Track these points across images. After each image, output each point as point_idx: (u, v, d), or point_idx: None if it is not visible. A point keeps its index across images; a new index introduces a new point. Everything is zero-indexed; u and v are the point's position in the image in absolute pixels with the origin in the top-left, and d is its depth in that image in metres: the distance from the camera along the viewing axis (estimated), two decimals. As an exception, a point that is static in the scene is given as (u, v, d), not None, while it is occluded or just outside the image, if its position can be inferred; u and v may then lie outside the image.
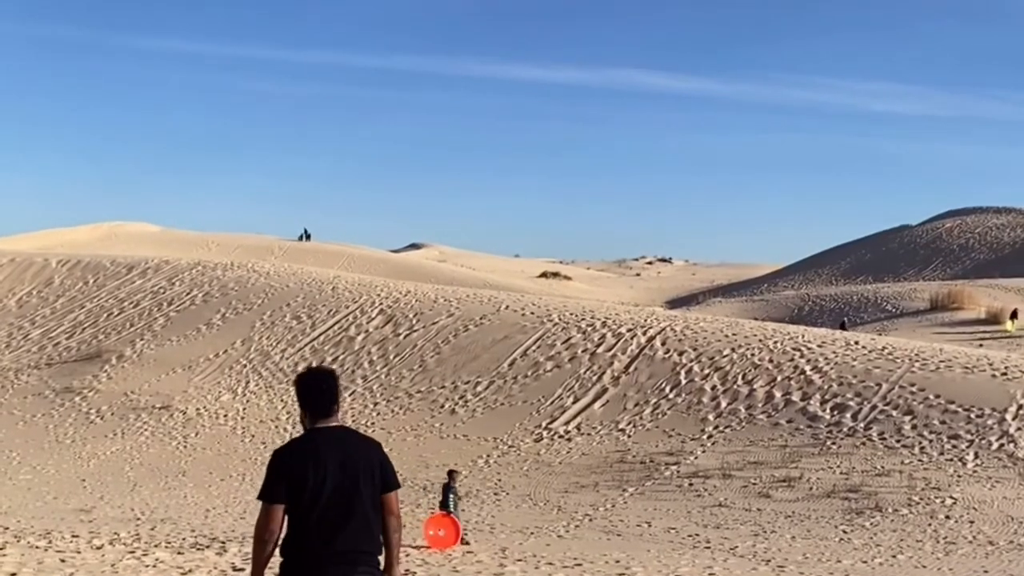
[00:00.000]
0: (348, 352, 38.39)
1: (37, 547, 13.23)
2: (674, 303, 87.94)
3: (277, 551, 5.79)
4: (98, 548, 13.95)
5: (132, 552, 13.26)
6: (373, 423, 32.50)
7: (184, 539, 15.97)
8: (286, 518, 5.65)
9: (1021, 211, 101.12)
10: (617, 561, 15.53)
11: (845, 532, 19.85)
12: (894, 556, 17.38)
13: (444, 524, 17.93)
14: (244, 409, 34.24)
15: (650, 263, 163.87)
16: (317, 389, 5.85)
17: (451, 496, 18.85)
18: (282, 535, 5.76)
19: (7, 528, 17.43)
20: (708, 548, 18.07)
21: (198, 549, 14.33)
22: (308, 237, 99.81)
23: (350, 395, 34.99)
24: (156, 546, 14.66)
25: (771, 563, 16.24)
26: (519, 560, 15.01)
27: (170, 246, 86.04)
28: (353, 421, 32.76)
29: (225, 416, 33.64)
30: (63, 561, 11.93)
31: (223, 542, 15.50)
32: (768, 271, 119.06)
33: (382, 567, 5.83)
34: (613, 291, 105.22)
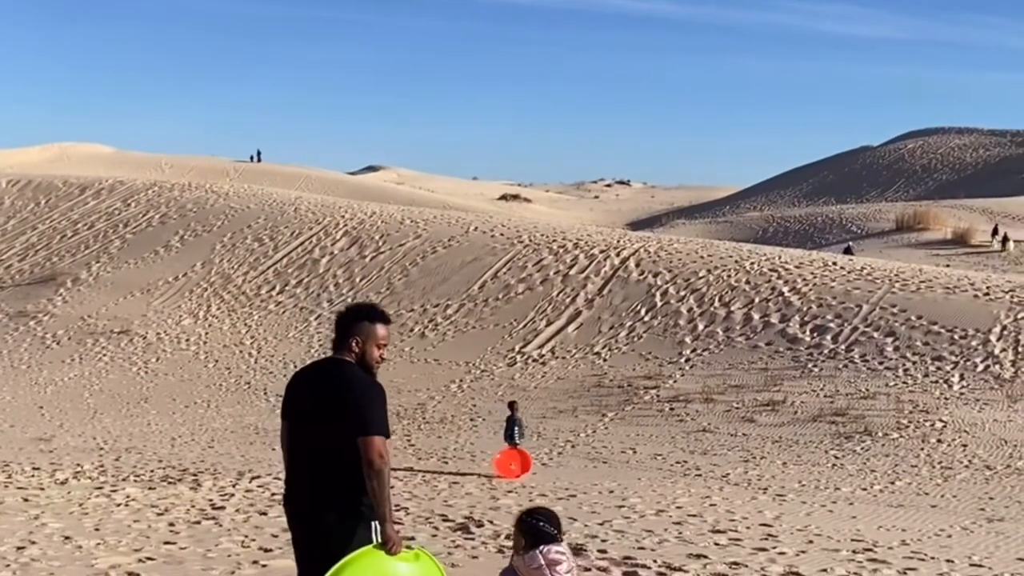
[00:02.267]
0: (312, 275, 37.34)
1: (-4, 484, 12.31)
2: (635, 225, 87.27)
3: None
4: (62, 483, 13.03)
5: (100, 488, 12.36)
6: (341, 347, 31.60)
7: (153, 471, 15.09)
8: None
9: (982, 131, 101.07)
10: (611, 492, 14.83)
11: (837, 458, 19.28)
12: (892, 483, 16.83)
13: (514, 457, 17.59)
14: (206, 334, 33.21)
15: (608, 186, 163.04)
16: (337, 322, 5.93)
17: (516, 428, 18.20)
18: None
19: (-38, 461, 16.45)
20: (700, 476, 17.43)
21: (169, 483, 13.45)
22: (259, 158, 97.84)
23: (315, 319, 34.06)
24: (124, 480, 13.77)
25: (769, 491, 15.62)
26: (509, 492, 14.28)
27: (123, 167, 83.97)
28: (320, 345, 31.85)
29: (187, 341, 32.59)
30: (26, 500, 11.02)
31: (195, 475, 14.63)
32: (727, 193, 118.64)
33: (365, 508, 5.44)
34: (573, 213, 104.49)
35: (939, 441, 19.96)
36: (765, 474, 17.63)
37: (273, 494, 12.52)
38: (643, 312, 31.27)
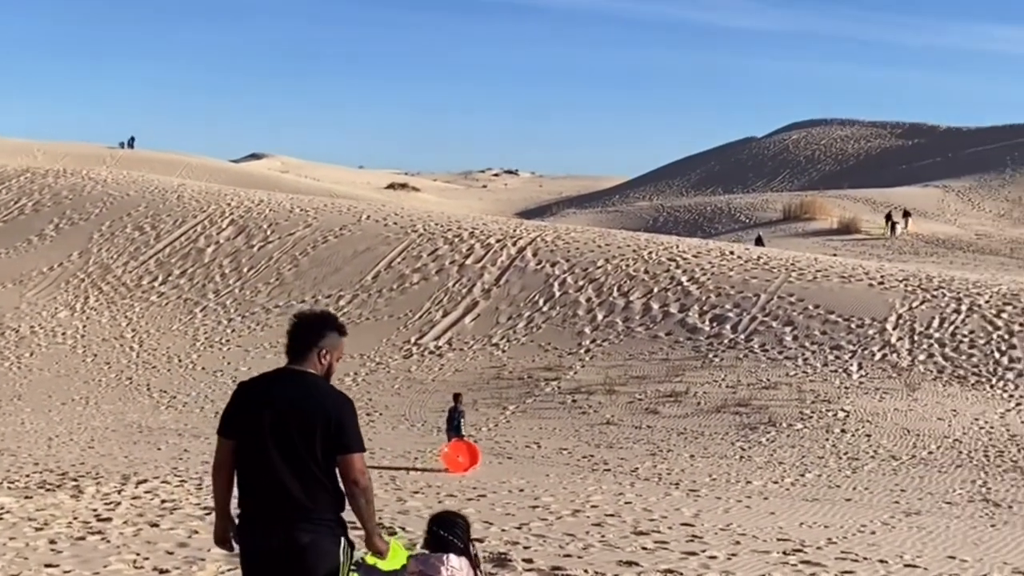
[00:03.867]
0: (198, 265, 35.99)
1: None
2: (525, 215, 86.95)
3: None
4: (-73, 493, 11.92)
5: (-31, 498, 11.31)
6: (228, 340, 30.46)
7: (28, 476, 14.00)
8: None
9: (864, 123, 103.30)
10: (521, 490, 14.24)
11: (743, 449, 19.03)
12: (801, 475, 16.59)
13: (462, 450, 17.42)
14: (84, 327, 31.70)
15: (496, 175, 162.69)
16: (295, 331, 5.37)
17: (461, 420, 18.23)
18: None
19: None
20: (609, 471, 16.97)
21: (48, 490, 12.42)
22: (132, 144, 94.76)
23: (200, 311, 32.82)
24: (-3, 487, 12.68)
25: (681, 486, 15.22)
26: (416, 493, 13.58)
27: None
28: (206, 338, 30.69)
29: (63, 334, 31.05)
30: None
31: (75, 479, 13.60)
32: (615, 183, 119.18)
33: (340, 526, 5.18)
34: (462, 203, 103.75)
35: (843, 431, 19.87)
36: (674, 468, 17.26)
37: (163, 501, 11.64)
38: (541, 302, 30.79)
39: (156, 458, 17.56)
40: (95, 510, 10.66)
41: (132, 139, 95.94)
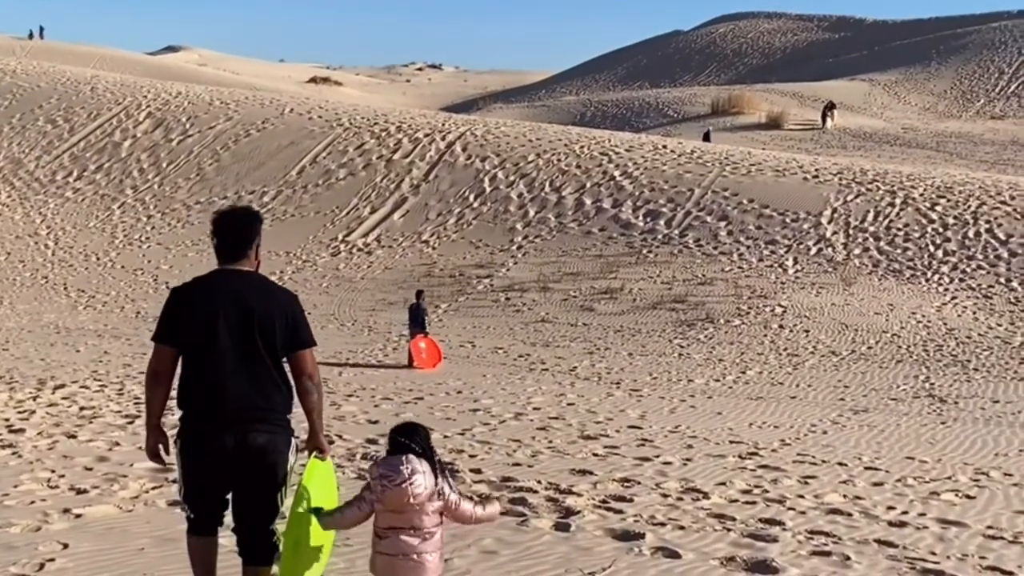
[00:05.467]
0: (114, 160, 34.63)
1: None
2: (450, 110, 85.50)
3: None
4: None
5: None
6: (148, 238, 29.41)
7: (-63, 383, 13.17)
8: (180, 366, 5.04)
9: (790, 16, 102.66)
10: (459, 392, 13.76)
11: (682, 347, 18.73)
12: (743, 373, 16.32)
13: (428, 345, 17.32)
14: (-3, 224, 30.39)
15: (420, 70, 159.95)
16: (226, 229, 5.12)
17: (425, 317, 18.11)
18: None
19: None
20: (547, 370, 16.55)
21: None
22: (42, 35, 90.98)
23: (119, 207, 31.66)
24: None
25: (622, 386, 14.84)
26: (350, 396, 13.01)
27: None
28: (125, 236, 29.61)
29: (-25, 233, 29.75)
30: None
31: (-13, 386, 12.82)
32: (539, 78, 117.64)
33: (298, 428, 5.13)
34: (386, 97, 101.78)
35: (781, 327, 19.66)
36: (613, 367, 16.89)
37: (82, 408, 10.95)
38: (472, 198, 30.11)
39: (75, 361, 16.78)
40: (7, 420, 9.95)
41: (41, 29, 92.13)
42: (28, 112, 38.21)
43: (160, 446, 5.01)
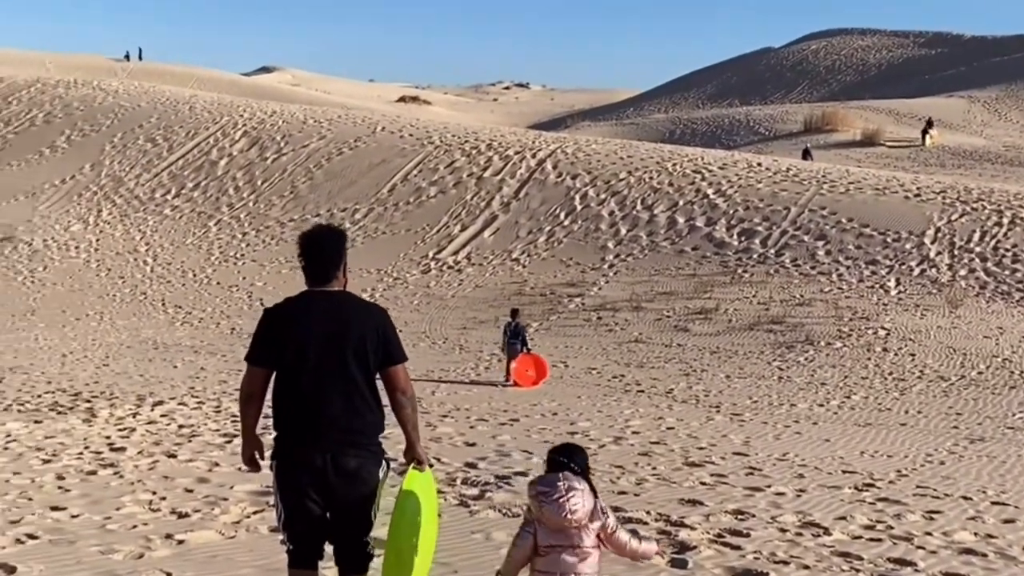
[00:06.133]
0: (211, 178, 35.11)
1: None
2: (537, 128, 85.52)
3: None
4: (-69, 418, 11.21)
5: (-25, 424, 10.59)
6: (243, 255, 29.69)
7: (40, 397, 13.30)
8: (273, 387, 5.06)
9: (885, 33, 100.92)
10: (554, 414, 13.51)
11: (781, 369, 18.26)
12: (847, 397, 15.82)
13: (530, 364, 17.31)
14: (97, 240, 30.95)
15: (507, 88, 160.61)
16: (316, 250, 5.10)
17: (525, 334, 18.02)
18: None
19: None
20: (643, 392, 16.22)
21: (59, 413, 11.71)
22: (140, 56, 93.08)
23: (215, 224, 32.04)
24: (6, 410, 11.99)
25: (721, 410, 14.46)
26: (444, 416, 12.85)
27: (2, 65, 79.23)
28: (221, 253, 29.94)
29: (76, 248, 30.32)
30: None
31: (88, 400, 12.90)
32: (628, 96, 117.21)
33: (397, 448, 5.24)
34: (474, 116, 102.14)
35: (885, 350, 19.07)
36: (711, 389, 16.50)
37: (181, 426, 10.93)
38: (562, 216, 29.89)
39: (172, 376, 16.89)
40: (108, 437, 9.94)
41: (140, 51, 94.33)
42: (129, 131, 38.94)
43: (256, 452, 5.08)
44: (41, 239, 30.69)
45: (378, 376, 5.03)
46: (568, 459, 4.68)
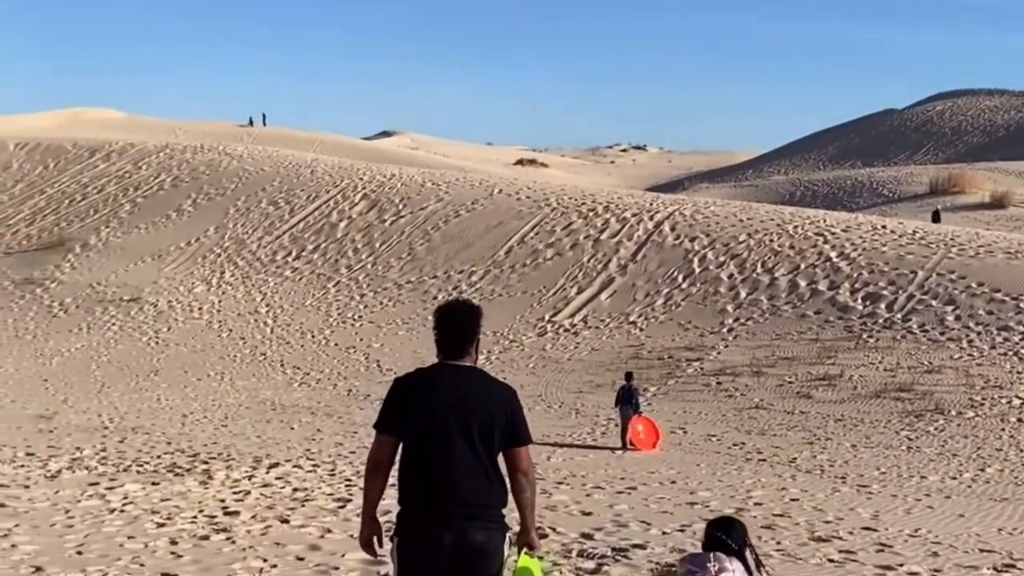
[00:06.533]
0: (330, 240, 35.65)
1: (-24, 479, 10.67)
2: (654, 190, 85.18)
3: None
4: (53, 477, 11.38)
5: (95, 484, 10.70)
6: (360, 316, 29.96)
7: (159, 458, 13.45)
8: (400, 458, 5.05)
9: (1014, 93, 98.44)
10: (673, 482, 13.15)
11: (910, 439, 17.57)
12: (981, 470, 15.11)
13: (646, 426, 17.45)
14: (220, 301, 31.59)
15: (624, 151, 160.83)
16: (450, 325, 5.10)
17: (640, 398, 18.26)
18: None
19: (-49, 444, 14.85)
20: (764, 461, 15.74)
21: (176, 474, 11.80)
22: (264, 122, 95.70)
23: (334, 286, 32.43)
24: (125, 470, 12.13)
25: (848, 481, 13.91)
26: (560, 483, 12.58)
27: (135, 132, 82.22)
28: (339, 314, 30.26)
29: (199, 309, 30.98)
30: (2, 506, 9.35)
31: (206, 462, 12.98)
32: (746, 158, 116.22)
33: (513, 524, 5.06)
34: (591, 178, 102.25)
35: (1020, 421, 18.23)
36: (836, 459, 15.93)
37: (295, 490, 10.89)
38: (680, 279, 29.51)
39: (289, 438, 16.98)
40: (223, 501, 9.93)
41: (264, 116, 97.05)
42: (252, 195, 39.87)
43: (375, 537, 5.00)
44: (166, 300, 31.45)
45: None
46: (725, 535, 4.58)
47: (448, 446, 4.86)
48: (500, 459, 4.99)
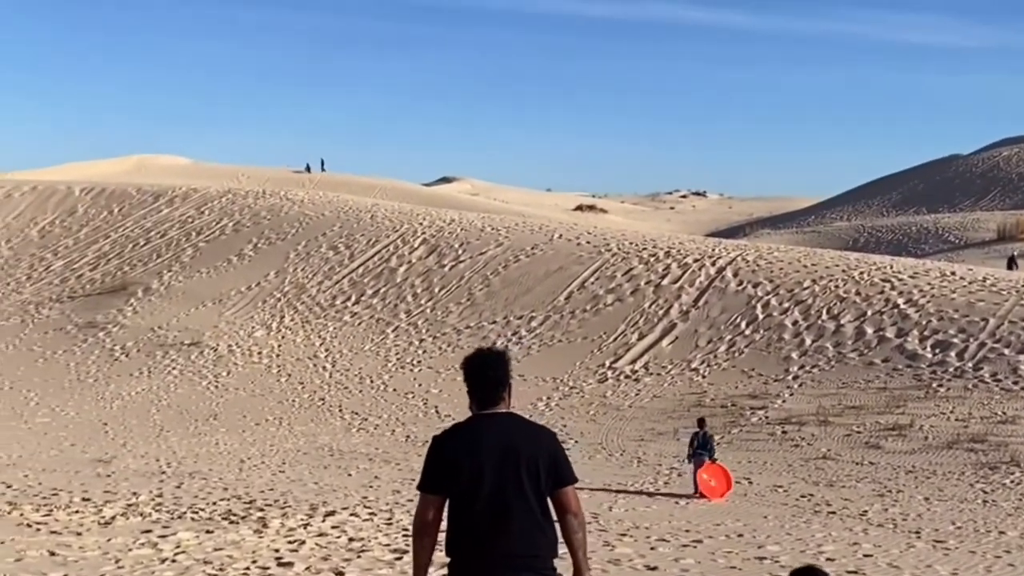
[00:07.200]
0: (390, 284, 35.59)
1: (30, 525, 10.53)
2: (715, 236, 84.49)
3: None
4: (106, 523, 11.22)
5: (148, 532, 10.51)
6: (419, 361, 29.77)
7: (215, 504, 13.27)
8: (447, 513, 5.02)
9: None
10: (740, 535, 12.71)
11: (985, 492, 16.93)
12: (1063, 525, 14.45)
13: (716, 474, 17.26)
14: (279, 346, 31.59)
15: (684, 197, 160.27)
16: (482, 375, 5.08)
17: (712, 444, 18.22)
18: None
19: (9, 486, 14.81)
20: (834, 513, 15.22)
21: (231, 522, 11.59)
22: (323, 167, 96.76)
23: (392, 331, 32.30)
24: (180, 517, 11.94)
25: (923, 536, 13.36)
26: (623, 535, 12.21)
27: (199, 178, 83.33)
28: (397, 359, 30.09)
29: (259, 353, 30.98)
30: (53, 555, 9.18)
31: (262, 509, 12.78)
32: (807, 204, 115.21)
33: (566, 571, 5.06)
34: (651, 225, 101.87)
35: (1101, 474, 17.50)
36: (909, 512, 15.36)
37: (351, 539, 10.63)
38: (743, 325, 28.99)
39: (346, 484, 16.76)
40: (277, 550, 9.68)
41: (322, 162, 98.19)
42: (312, 240, 40.02)
43: None
44: (226, 345, 31.50)
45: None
46: None
47: (499, 497, 4.83)
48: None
